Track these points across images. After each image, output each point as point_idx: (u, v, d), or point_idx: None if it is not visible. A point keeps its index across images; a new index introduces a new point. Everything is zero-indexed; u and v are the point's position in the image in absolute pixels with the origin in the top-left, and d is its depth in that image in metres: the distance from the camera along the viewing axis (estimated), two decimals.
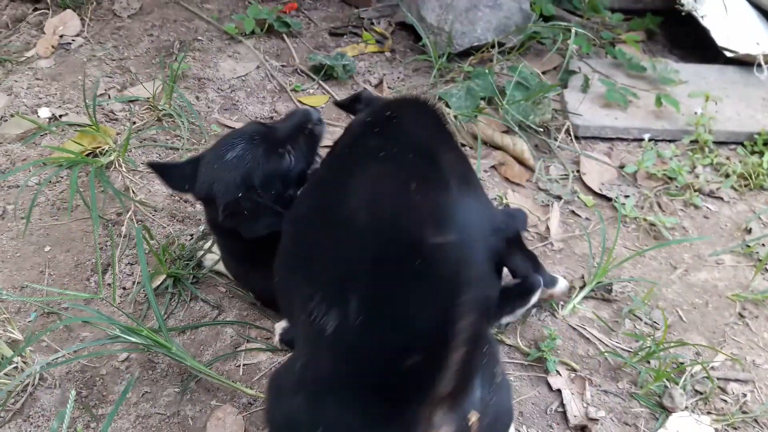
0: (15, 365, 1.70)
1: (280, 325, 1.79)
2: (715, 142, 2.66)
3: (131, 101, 2.65)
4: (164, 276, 1.93)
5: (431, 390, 1.00)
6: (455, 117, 2.63)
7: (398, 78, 2.91)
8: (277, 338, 1.78)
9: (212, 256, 2.01)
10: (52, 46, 2.96)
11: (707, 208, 2.46)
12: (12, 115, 2.58)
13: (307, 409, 1.11)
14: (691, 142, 2.65)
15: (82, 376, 1.74)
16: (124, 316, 1.80)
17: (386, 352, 1.04)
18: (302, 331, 1.23)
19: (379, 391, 1.04)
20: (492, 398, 1.17)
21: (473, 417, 1.13)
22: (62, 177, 2.32)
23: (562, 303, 2.03)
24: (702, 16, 3.05)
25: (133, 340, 1.55)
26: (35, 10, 3.15)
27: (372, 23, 3.21)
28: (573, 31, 2.69)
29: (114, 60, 2.90)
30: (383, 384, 1.04)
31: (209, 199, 1.63)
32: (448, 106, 2.67)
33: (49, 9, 3.13)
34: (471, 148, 2.59)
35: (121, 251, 2.04)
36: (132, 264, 2.02)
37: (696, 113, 2.69)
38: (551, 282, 1.93)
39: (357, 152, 1.43)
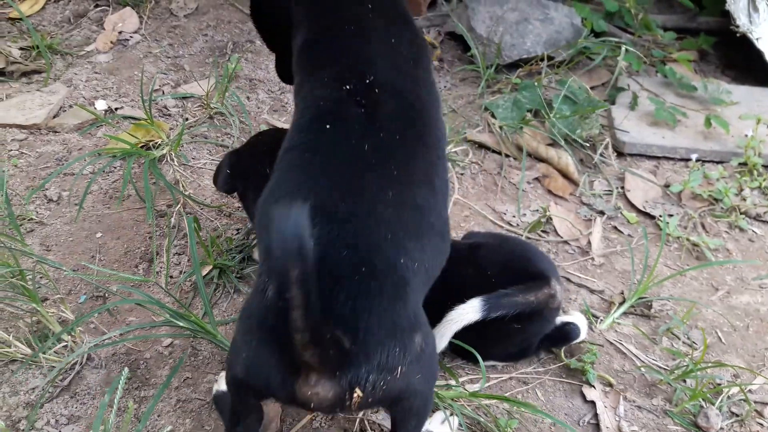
0: (65, 344, 1.77)
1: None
2: (764, 166, 2.62)
3: (185, 98, 2.73)
4: (210, 267, 1.99)
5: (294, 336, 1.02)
6: (500, 127, 2.64)
7: (445, 87, 2.94)
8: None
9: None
10: (111, 42, 3.07)
11: (753, 231, 2.42)
12: (71, 106, 2.68)
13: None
14: (740, 164, 2.62)
15: (127, 358, 1.80)
16: (171, 302, 1.86)
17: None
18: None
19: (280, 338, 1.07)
20: (392, 380, 1.14)
21: (358, 393, 1.11)
22: (115, 167, 2.40)
23: (601, 318, 2.02)
24: (757, 39, 3.01)
25: (181, 324, 1.60)
26: (96, 6, 3.26)
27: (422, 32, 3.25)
28: (623, 48, 2.69)
29: (169, 57, 2.99)
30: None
31: None
32: (494, 116, 2.68)
33: (109, 6, 3.24)
34: (515, 159, 2.60)
35: (169, 242, 2.10)
36: (179, 254, 2.09)
37: (746, 136, 2.66)
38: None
39: None
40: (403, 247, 1.18)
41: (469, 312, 1.55)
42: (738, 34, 3.05)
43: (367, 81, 1.33)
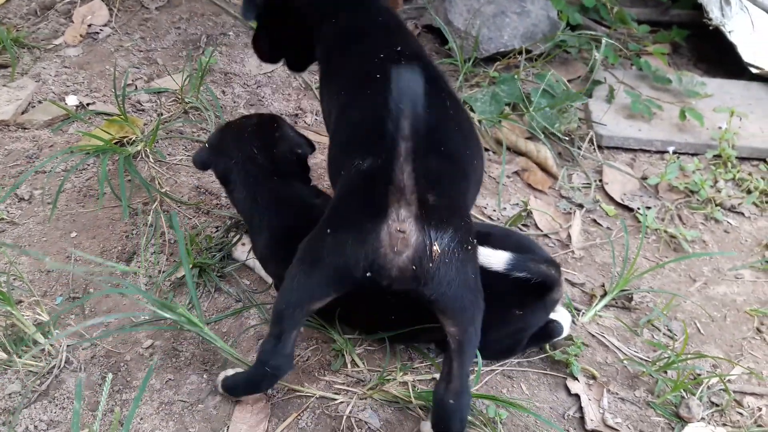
0: (42, 347, 1.73)
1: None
2: (738, 158, 2.67)
3: (158, 93, 2.67)
4: (190, 266, 1.95)
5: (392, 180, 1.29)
6: (479, 121, 2.64)
7: None
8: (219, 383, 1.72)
9: (244, 249, 2.03)
10: (80, 35, 2.99)
11: (728, 222, 2.46)
12: (40, 102, 2.60)
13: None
14: (714, 156, 2.66)
15: (106, 361, 1.76)
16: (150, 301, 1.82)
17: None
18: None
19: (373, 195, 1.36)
20: (459, 257, 1.38)
21: (436, 247, 1.35)
22: (88, 165, 2.34)
23: (582, 311, 2.04)
24: (729, 32, 3.05)
25: (167, 316, 1.57)
26: None
27: None
28: (603, 42, 2.71)
29: (141, 51, 2.93)
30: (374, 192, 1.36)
31: None
32: (472, 110, 2.68)
33: None
34: (495, 153, 2.60)
35: (147, 240, 2.06)
36: (157, 253, 2.04)
37: (720, 128, 2.70)
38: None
39: None
40: (465, 154, 1.60)
41: (496, 259, 1.57)
42: (711, 27, 3.10)
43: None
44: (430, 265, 1.36)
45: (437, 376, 1.74)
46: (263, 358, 1.54)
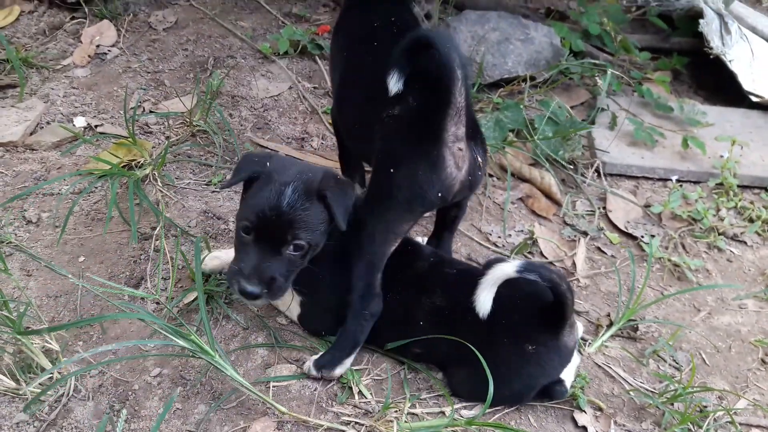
0: (50, 375, 1.72)
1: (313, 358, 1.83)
2: (739, 186, 2.69)
3: (166, 116, 2.68)
4: (197, 293, 1.95)
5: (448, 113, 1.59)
6: None
7: None
8: (312, 367, 1.80)
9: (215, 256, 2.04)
10: (89, 56, 3.00)
11: (731, 251, 2.49)
12: (48, 123, 2.61)
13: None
14: (717, 184, 2.69)
15: (114, 390, 1.75)
16: (162, 327, 1.82)
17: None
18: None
19: (425, 127, 1.63)
20: (485, 163, 1.81)
21: (479, 158, 1.72)
22: (96, 187, 2.35)
23: (589, 341, 2.05)
24: (730, 61, 3.09)
25: (181, 343, 1.57)
26: (72, 18, 3.19)
27: None
28: (608, 72, 2.74)
29: (149, 72, 2.94)
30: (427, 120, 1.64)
31: None
32: None
33: (86, 18, 3.18)
34: (499, 179, 2.62)
35: (154, 266, 2.06)
36: (165, 279, 2.05)
37: (722, 156, 2.73)
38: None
39: None
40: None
41: (507, 267, 1.63)
42: (711, 56, 3.13)
43: None
44: (479, 173, 1.74)
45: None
46: (361, 307, 1.74)
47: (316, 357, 1.81)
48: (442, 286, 1.81)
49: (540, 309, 1.73)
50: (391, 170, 1.68)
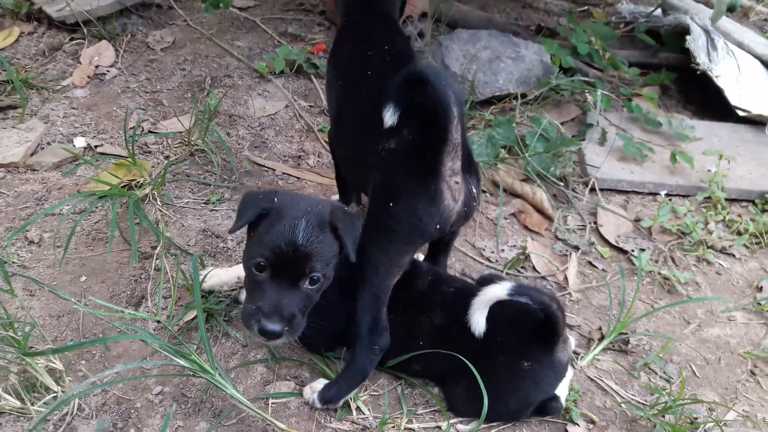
0: (54, 394, 1.76)
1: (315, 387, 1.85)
2: (727, 199, 2.75)
3: (165, 136, 2.73)
4: (203, 314, 1.99)
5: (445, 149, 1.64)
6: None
7: None
8: (317, 400, 1.83)
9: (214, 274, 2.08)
10: (88, 76, 3.05)
11: (720, 264, 2.54)
12: (49, 143, 2.66)
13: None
14: (705, 198, 2.74)
15: (117, 408, 1.79)
16: (163, 346, 1.85)
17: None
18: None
19: (422, 161, 1.68)
20: (479, 194, 1.88)
21: (474, 189, 1.79)
22: (97, 208, 2.39)
23: (581, 354, 2.09)
24: (716, 76, 3.16)
25: (182, 363, 1.61)
26: (71, 39, 3.24)
27: None
28: (599, 92, 2.80)
29: (147, 92, 2.99)
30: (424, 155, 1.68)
31: None
32: None
33: (85, 39, 3.23)
34: (491, 194, 2.67)
35: (155, 285, 2.10)
36: (166, 297, 2.09)
37: (709, 171, 2.79)
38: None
39: None
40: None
41: (498, 290, 1.68)
42: (698, 72, 3.20)
43: None
44: (474, 203, 1.81)
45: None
46: (370, 342, 1.77)
47: (320, 389, 1.81)
48: (441, 305, 1.86)
49: (534, 326, 1.77)
50: (390, 204, 1.73)
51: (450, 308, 1.84)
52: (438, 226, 1.74)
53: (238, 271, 2.08)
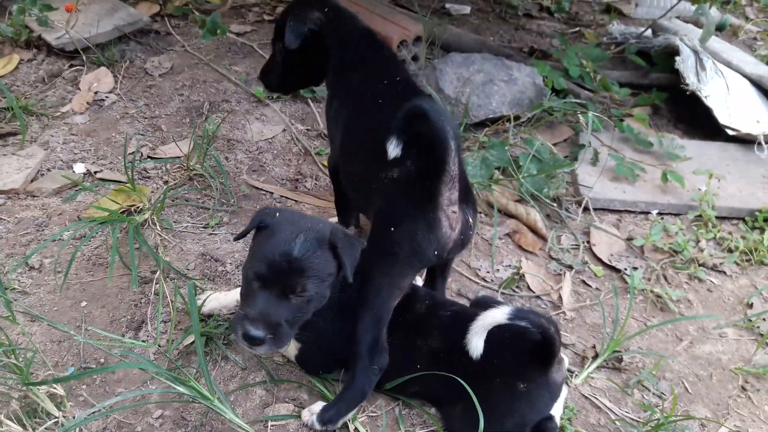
0: (56, 419, 1.78)
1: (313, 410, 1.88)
2: (718, 217, 2.80)
3: (164, 162, 2.77)
4: (202, 339, 2.02)
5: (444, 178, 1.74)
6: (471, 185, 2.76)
7: None
8: (316, 421, 1.85)
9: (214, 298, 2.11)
10: (87, 102, 3.10)
11: (711, 281, 2.58)
12: (49, 170, 2.70)
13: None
14: (696, 217, 2.79)
15: (118, 431, 1.81)
16: (163, 375, 1.88)
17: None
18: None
19: (422, 191, 1.79)
20: (476, 222, 1.96)
21: (470, 219, 1.88)
22: (96, 233, 2.42)
23: (575, 372, 2.12)
24: (705, 96, 3.22)
25: (180, 390, 1.63)
26: (71, 66, 3.30)
27: None
28: (590, 115, 2.85)
29: (146, 118, 3.04)
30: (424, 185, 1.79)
31: None
32: None
33: (83, 66, 3.29)
34: (486, 215, 2.71)
35: (155, 309, 2.14)
36: (165, 322, 2.12)
37: (700, 189, 2.84)
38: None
39: None
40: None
41: (497, 314, 1.71)
42: (688, 92, 3.26)
43: None
44: (470, 232, 1.90)
45: None
46: (370, 362, 1.82)
47: (319, 411, 1.84)
48: (438, 328, 1.90)
49: (530, 347, 1.80)
50: (392, 229, 1.82)
51: (447, 331, 1.87)
52: (436, 252, 1.82)
53: (236, 295, 2.12)
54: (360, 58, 2.19)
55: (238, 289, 2.10)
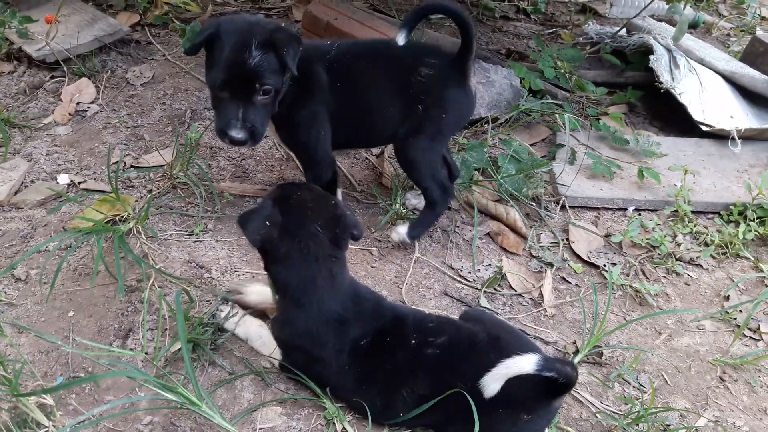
0: (45, 429, 1.80)
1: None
2: (693, 212, 2.86)
3: (147, 171, 2.79)
4: (188, 345, 2.05)
5: None
6: None
7: None
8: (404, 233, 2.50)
9: (235, 319, 2.13)
10: (69, 113, 3.12)
11: (688, 275, 2.64)
12: (33, 181, 2.71)
13: None
14: (672, 212, 2.85)
15: None
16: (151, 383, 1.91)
17: None
18: None
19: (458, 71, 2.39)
20: None
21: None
22: (82, 243, 2.44)
23: None
24: (680, 93, 3.29)
25: (169, 396, 1.66)
26: (52, 77, 3.31)
27: None
28: (567, 117, 2.91)
29: (128, 127, 3.06)
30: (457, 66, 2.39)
31: None
32: None
33: (65, 77, 3.30)
34: (467, 215, 2.76)
35: (142, 318, 2.16)
36: (153, 330, 2.14)
37: (675, 185, 2.90)
38: None
39: None
40: None
41: (524, 364, 1.64)
42: (662, 90, 3.33)
43: None
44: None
45: None
46: (443, 199, 2.53)
47: (406, 230, 2.51)
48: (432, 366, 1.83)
49: (536, 380, 1.69)
50: (443, 101, 2.36)
51: (444, 363, 1.81)
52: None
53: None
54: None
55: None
